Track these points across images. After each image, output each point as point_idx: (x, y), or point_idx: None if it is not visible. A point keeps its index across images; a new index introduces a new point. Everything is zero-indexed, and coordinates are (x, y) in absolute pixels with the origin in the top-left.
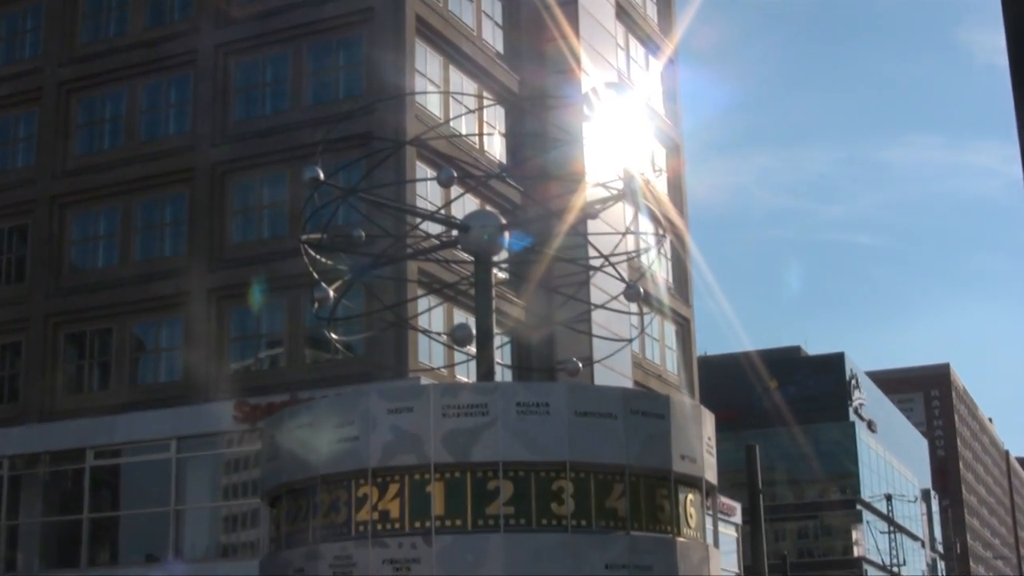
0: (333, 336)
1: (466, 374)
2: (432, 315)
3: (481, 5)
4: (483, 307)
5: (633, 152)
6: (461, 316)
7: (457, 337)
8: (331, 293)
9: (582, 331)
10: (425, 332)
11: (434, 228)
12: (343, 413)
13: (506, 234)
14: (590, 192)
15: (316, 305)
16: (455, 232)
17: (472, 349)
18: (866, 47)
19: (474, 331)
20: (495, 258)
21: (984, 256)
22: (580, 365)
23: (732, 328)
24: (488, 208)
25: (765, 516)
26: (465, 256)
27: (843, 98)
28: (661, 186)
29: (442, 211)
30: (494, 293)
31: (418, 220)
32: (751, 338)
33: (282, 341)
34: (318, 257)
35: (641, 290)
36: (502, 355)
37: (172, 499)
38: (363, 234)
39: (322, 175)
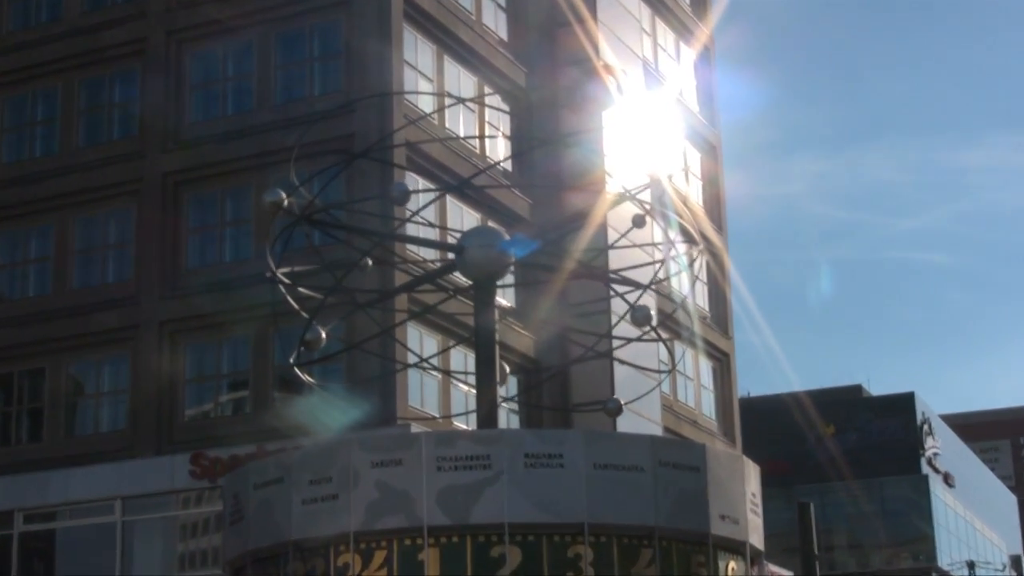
0: (308, 378)
1: (465, 420)
2: (424, 348)
3: None
4: (484, 338)
5: (662, 156)
6: (458, 352)
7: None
8: (323, 335)
9: (594, 352)
10: (415, 357)
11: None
12: (319, 467)
13: (506, 238)
14: (613, 203)
15: (301, 349)
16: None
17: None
18: (938, 32)
19: (621, 402)
20: (498, 282)
21: None
22: (622, 404)
23: (779, 364)
24: (490, 224)
25: None
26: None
27: (910, 92)
28: (694, 194)
29: (417, 217)
30: (497, 318)
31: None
32: (802, 376)
33: (247, 382)
34: (288, 285)
35: (652, 312)
36: (507, 394)
37: (117, 569)
38: (370, 262)
39: (286, 199)
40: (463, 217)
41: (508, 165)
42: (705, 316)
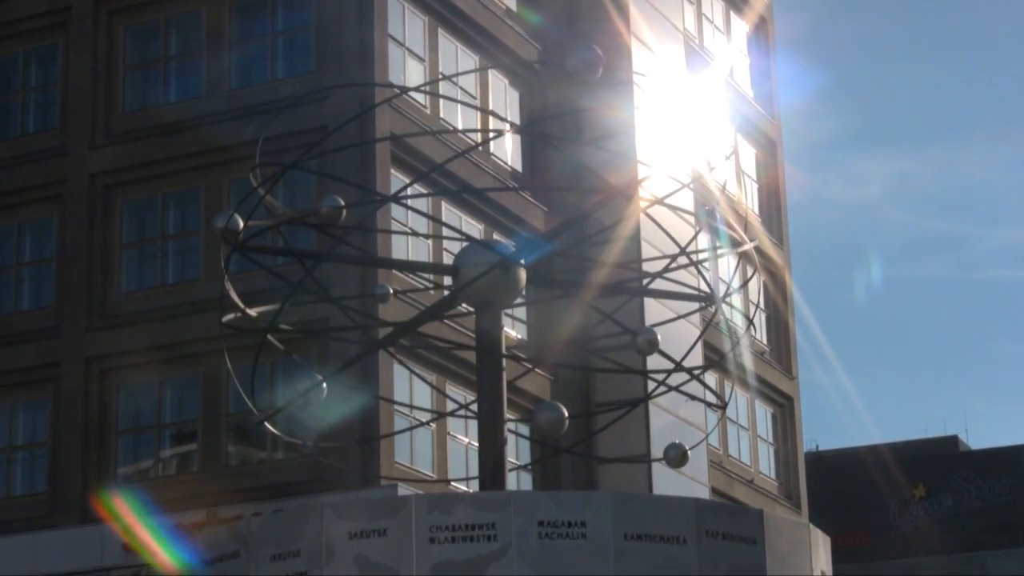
0: (272, 428)
1: (464, 478)
2: (415, 391)
3: None
4: (489, 377)
5: (708, 152)
6: (457, 394)
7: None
8: (324, 387)
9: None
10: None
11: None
12: (284, 538)
13: (510, 247)
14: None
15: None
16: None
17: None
18: None
19: (686, 448)
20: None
21: None
22: (687, 450)
23: (855, 411)
24: (496, 236)
25: None
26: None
27: (1010, 76)
28: (748, 198)
29: (405, 228)
30: (504, 351)
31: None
32: (884, 425)
33: (195, 433)
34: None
35: (658, 337)
36: (516, 448)
37: None
38: (390, 291)
39: (241, 223)
40: (462, 228)
41: (518, 164)
42: (763, 351)
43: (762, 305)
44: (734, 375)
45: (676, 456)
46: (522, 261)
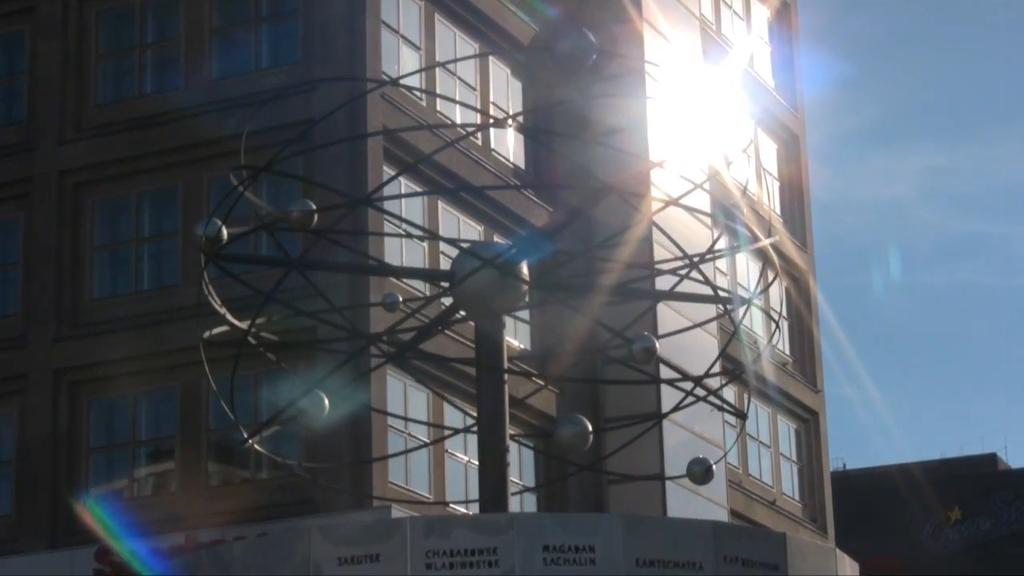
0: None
1: (463, 499)
2: (409, 404)
3: None
4: (489, 390)
5: (726, 148)
6: (455, 413)
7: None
8: (326, 402)
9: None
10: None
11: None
12: (269, 564)
13: (510, 248)
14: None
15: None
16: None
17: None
18: None
19: (711, 463)
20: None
21: None
22: (712, 465)
23: (885, 426)
24: (497, 239)
25: None
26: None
27: None
28: (769, 198)
29: (399, 229)
30: (506, 365)
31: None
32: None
33: (172, 451)
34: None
35: (656, 344)
36: (520, 468)
37: None
38: (400, 299)
39: (225, 230)
40: (460, 230)
41: (520, 160)
42: (785, 362)
43: (784, 312)
44: (752, 385)
45: (700, 472)
46: (523, 262)
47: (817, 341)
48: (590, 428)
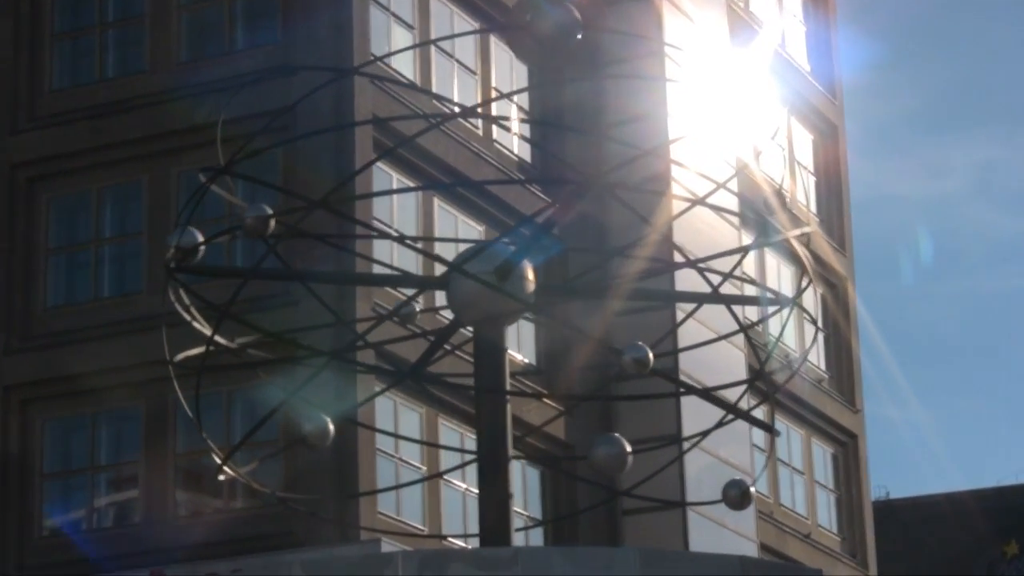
0: (231, 470)
1: (461, 532)
2: (400, 424)
3: None
4: (490, 410)
5: (756, 139)
6: (452, 434)
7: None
8: (331, 427)
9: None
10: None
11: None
12: None
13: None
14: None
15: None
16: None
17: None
18: None
19: (748, 485)
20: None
21: None
22: (750, 487)
23: (932, 450)
24: (504, 240)
25: None
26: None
27: None
28: (803, 194)
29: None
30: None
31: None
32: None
33: (135, 477)
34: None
35: (649, 355)
36: (524, 497)
37: None
38: (417, 309)
39: (200, 238)
40: (458, 229)
41: (526, 153)
42: (821, 379)
43: (820, 323)
44: (772, 396)
45: (737, 496)
46: (527, 263)
47: (856, 355)
48: (628, 449)
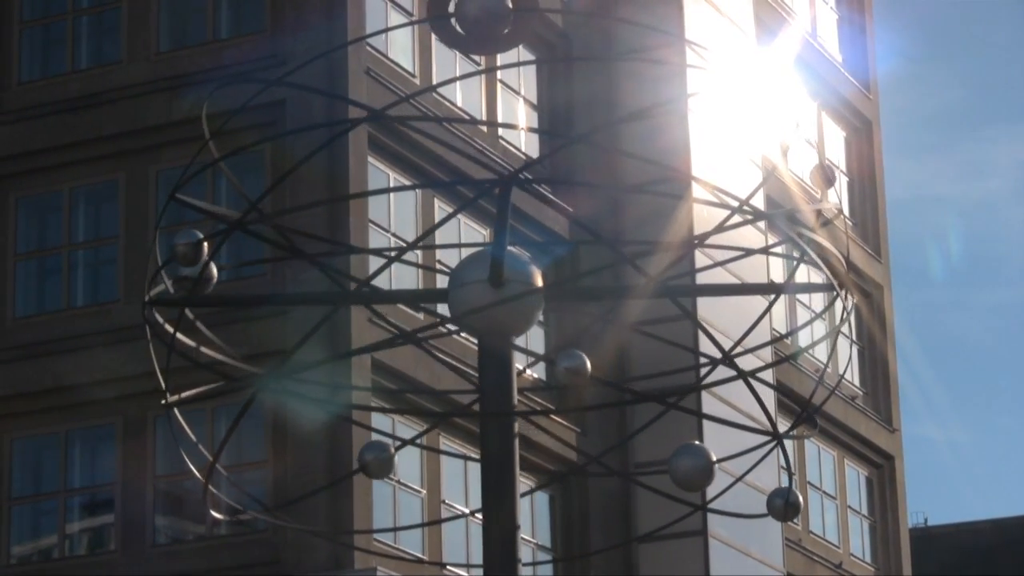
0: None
1: (463, 562)
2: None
3: None
4: (496, 429)
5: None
6: (451, 447)
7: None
8: (395, 457)
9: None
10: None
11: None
12: None
13: (518, 252)
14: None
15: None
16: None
17: None
18: None
19: (799, 496)
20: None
21: None
22: (800, 498)
23: (974, 474)
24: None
25: None
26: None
27: None
28: (836, 196)
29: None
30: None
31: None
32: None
33: (112, 502)
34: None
35: (586, 363)
36: (533, 523)
37: None
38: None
39: (215, 273)
40: (461, 233)
41: (534, 150)
42: (854, 396)
43: (854, 335)
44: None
45: (781, 506)
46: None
47: (893, 370)
48: (714, 459)
